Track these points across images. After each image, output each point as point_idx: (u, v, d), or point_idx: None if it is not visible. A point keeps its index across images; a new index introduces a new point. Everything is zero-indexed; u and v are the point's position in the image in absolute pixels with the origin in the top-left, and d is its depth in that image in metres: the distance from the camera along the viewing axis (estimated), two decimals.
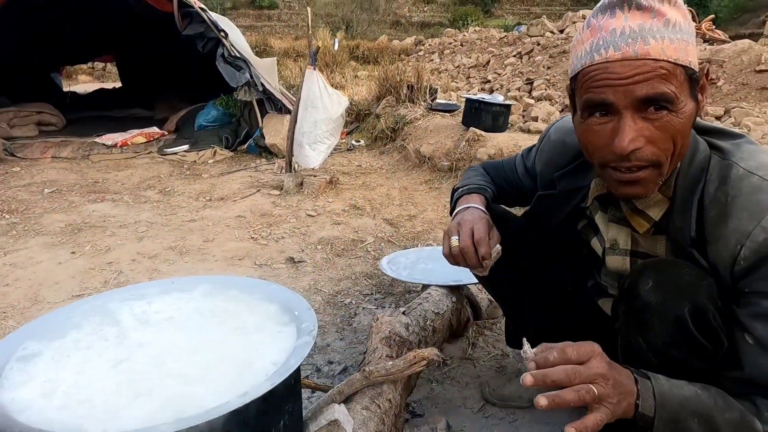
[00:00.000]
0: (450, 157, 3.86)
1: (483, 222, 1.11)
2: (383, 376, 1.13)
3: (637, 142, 0.77)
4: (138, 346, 0.82)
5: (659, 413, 0.72)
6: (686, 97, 0.77)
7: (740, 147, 0.85)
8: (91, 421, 0.67)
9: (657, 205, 0.91)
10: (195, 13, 4.53)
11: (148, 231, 2.88)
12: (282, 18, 29.10)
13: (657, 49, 0.74)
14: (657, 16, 0.75)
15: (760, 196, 0.76)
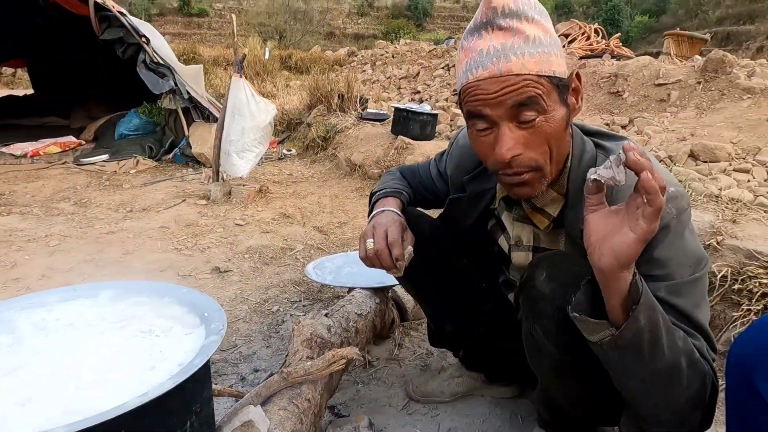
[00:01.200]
0: (380, 164, 3.92)
1: (396, 224, 1.14)
2: (302, 376, 1.13)
3: (514, 150, 0.85)
4: (33, 354, 0.78)
5: (645, 295, 0.74)
6: (555, 103, 0.84)
7: (621, 146, 0.94)
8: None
9: (554, 203, 0.99)
10: (113, 17, 4.34)
11: (60, 245, 2.71)
12: (212, 26, 28.38)
13: (518, 65, 0.81)
14: (517, 34, 0.82)
15: None
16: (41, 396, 0.69)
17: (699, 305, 0.85)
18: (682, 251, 0.84)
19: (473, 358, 1.51)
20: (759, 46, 16.94)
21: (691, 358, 0.80)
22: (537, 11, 0.85)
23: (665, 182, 0.74)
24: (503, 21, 0.83)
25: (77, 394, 0.70)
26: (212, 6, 30.11)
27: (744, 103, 4.21)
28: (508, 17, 0.83)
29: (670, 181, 0.85)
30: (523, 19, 0.83)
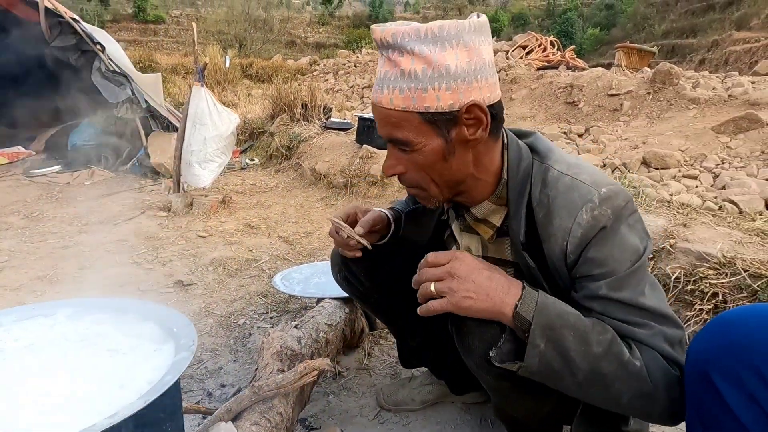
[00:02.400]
0: (345, 174, 3.92)
1: (363, 211, 1.21)
2: (274, 390, 1.12)
3: (394, 169, 0.92)
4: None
5: (537, 318, 0.81)
6: (426, 137, 0.85)
7: (551, 151, 0.96)
8: None
9: (496, 213, 1.01)
10: (66, 24, 4.19)
11: (10, 260, 2.58)
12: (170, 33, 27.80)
13: (387, 98, 0.84)
14: (395, 67, 0.82)
15: (572, 195, 0.87)
16: (4, 422, 0.66)
17: (644, 292, 0.85)
18: (619, 248, 0.85)
19: (440, 369, 1.53)
20: (701, 59, 17.94)
21: (620, 360, 0.81)
22: (427, 41, 0.80)
23: (597, 184, 0.86)
24: (384, 51, 0.84)
25: (41, 419, 0.66)
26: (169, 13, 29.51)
27: (690, 113, 4.45)
28: (388, 49, 0.82)
29: (602, 182, 0.87)
30: (401, 51, 0.81)
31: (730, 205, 2.42)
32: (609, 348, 0.81)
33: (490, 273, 0.86)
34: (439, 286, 0.86)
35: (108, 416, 0.63)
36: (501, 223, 1.00)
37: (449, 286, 0.85)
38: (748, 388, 0.70)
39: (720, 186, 2.88)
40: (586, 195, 0.86)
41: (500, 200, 0.98)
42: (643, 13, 25.41)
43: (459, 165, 0.90)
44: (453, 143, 0.87)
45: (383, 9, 33.18)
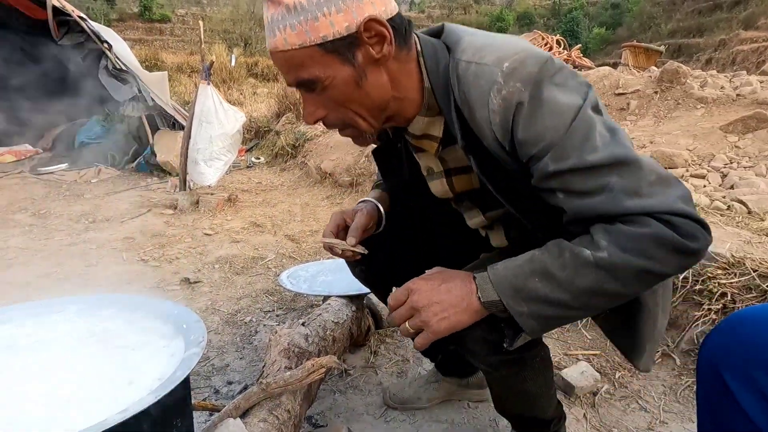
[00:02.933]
0: (351, 172, 3.92)
1: (350, 215, 1.18)
2: (281, 387, 1.12)
3: (316, 114, 0.86)
4: (2, 372, 0.74)
5: (499, 291, 0.80)
6: (333, 69, 0.80)
7: (459, 41, 0.88)
8: None
9: (434, 124, 0.95)
10: (73, 22, 4.21)
11: (18, 258, 2.59)
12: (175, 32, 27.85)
13: (281, 40, 0.78)
14: (279, 5, 0.77)
15: (480, 83, 0.80)
16: (12, 419, 0.66)
17: (595, 147, 0.76)
18: (549, 115, 0.76)
19: (450, 360, 1.53)
20: (708, 58, 17.83)
21: (588, 266, 0.76)
22: None
23: (500, 60, 0.78)
24: None
25: (52, 415, 0.67)
26: (175, 12, 29.58)
27: (698, 112, 4.42)
28: None
29: (506, 55, 0.78)
30: None
31: (738, 204, 2.40)
32: (572, 264, 0.77)
33: (446, 285, 0.85)
34: (412, 323, 0.85)
35: (119, 412, 0.63)
36: (442, 132, 0.94)
37: (420, 319, 0.84)
38: (760, 388, 0.69)
39: (728, 186, 2.86)
40: (490, 77, 0.78)
41: (432, 110, 0.92)
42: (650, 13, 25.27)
43: (376, 89, 0.84)
44: (362, 67, 0.81)
45: None
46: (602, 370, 1.76)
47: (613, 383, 1.69)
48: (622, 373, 1.74)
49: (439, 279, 0.86)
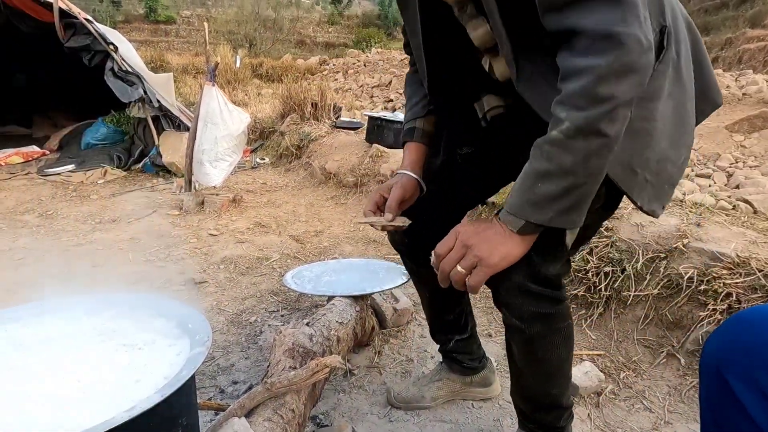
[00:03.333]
0: (355, 173, 3.93)
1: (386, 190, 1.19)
2: (285, 386, 1.13)
3: None
4: (7, 370, 0.75)
5: (522, 215, 0.83)
6: None
7: None
8: None
9: None
10: (79, 25, 4.24)
11: (26, 258, 2.62)
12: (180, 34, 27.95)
13: None
14: None
15: None
16: (20, 418, 0.67)
17: None
18: None
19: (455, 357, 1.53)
20: (714, 57, 17.73)
21: (564, 145, 0.78)
22: None
23: None
24: None
25: (60, 413, 0.68)
26: (180, 13, 29.70)
27: None
28: None
29: None
30: None
31: (744, 204, 2.39)
32: (553, 152, 0.79)
33: (485, 225, 0.89)
34: (465, 262, 0.88)
35: (126, 410, 0.64)
36: None
37: (474, 254, 0.87)
38: (762, 388, 0.69)
39: (734, 185, 2.85)
40: None
41: None
42: None
43: None
44: None
45: (392, 8, 33.17)
46: (606, 370, 1.76)
47: (618, 383, 1.69)
48: (627, 374, 1.74)
49: (476, 224, 0.90)
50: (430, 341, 2.00)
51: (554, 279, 0.99)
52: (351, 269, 2.05)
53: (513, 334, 1.09)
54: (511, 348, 1.13)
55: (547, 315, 1.02)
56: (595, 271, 2.08)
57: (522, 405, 1.23)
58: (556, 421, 1.18)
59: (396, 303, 2.07)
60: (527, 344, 1.07)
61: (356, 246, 3.00)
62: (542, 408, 1.18)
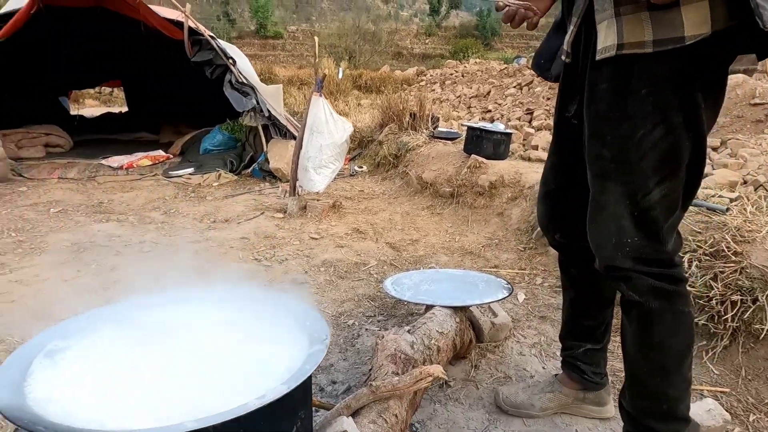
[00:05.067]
0: (452, 183, 3.91)
1: None
2: (390, 391, 1.14)
3: None
4: (154, 352, 0.84)
5: None
6: None
7: None
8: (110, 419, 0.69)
9: None
10: (204, 41, 4.66)
11: (152, 251, 2.91)
12: (286, 48, 29.73)
13: None
14: None
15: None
16: (165, 394, 0.74)
17: None
18: None
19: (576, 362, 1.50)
20: None
21: None
22: None
23: None
24: None
25: (197, 394, 0.74)
26: (286, 29, 31.62)
27: None
28: None
29: None
30: None
31: None
32: None
33: None
34: None
35: (257, 397, 0.69)
36: None
37: None
38: None
39: None
40: None
41: None
42: None
43: None
44: None
45: (491, 18, 32.76)
46: (732, 410, 1.58)
47: (747, 427, 1.51)
48: (758, 417, 1.55)
49: None
50: (529, 360, 1.93)
51: (666, 257, 1.02)
52: (449, 279, 2.04)
53: (630, 311, 1.09)
54: (626, 332, 1.12)
55: (667, 291, 1.03)
56: (720, 299, 1.88)
57: (631, 406, 1.16)
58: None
59: (494, 317, 2.03)
60: (644, 320, 1.06)
61: (452, 256, 2.98)
62: (656, 414, 1.11)
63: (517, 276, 2.73)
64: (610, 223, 1.05)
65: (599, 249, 1.09)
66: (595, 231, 1.09)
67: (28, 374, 0.76)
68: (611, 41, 1.00)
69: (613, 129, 1.02)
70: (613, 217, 1.04)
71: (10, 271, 2.54)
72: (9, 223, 3.26)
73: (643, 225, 1.03)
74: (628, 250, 1.03)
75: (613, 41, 1.00)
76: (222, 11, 30.85)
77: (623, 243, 1.03)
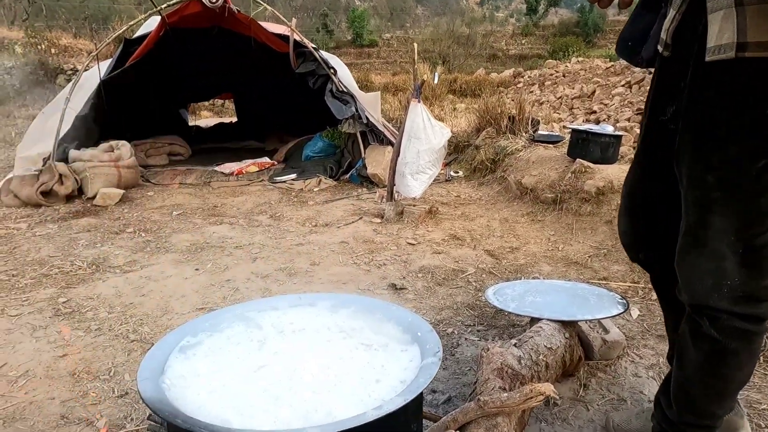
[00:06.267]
0: (554, 189, 3.74)
1: None
2: (498, 407, 1.10)
3: None
4: (274, 354, 0.88)
5: None
6: None
7: None
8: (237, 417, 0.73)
9: None
10: (308, 53, 4.89)
11: (260, 252, 3.09)
12: (381, 55, 30.36)
13: None
14: None
15: None
16: (285, 396, 0.77)
17: None
18: None
19: None
20: None
21: None
22: None
23: None
24: None
25: (315, 398, 0.76)
26: (381, 36, 32.30)
27: None
28: None
29: None
30: None
31: None
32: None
33: None
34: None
35: (374, 407, 0.69)
36: None
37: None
38: None
39: None
40: None
41: None
42: None
43: None
44: None
45: (593, 13, 30.96)
46: None
47: None
48: None
49: None
50: (645, 382, 1.78)
51: (763, 294, 0.90)
52: (556, 291, 1.93)
53: (702, 343, 0.98)
54: (689, 355, 1.02)
55: (750, 333, 0.94)
56: None
57: (677, 417, 1.11)
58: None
59: (605, 334, 1.89)
60: (717, 356, 0.97)
61: (555, 266, 2.83)
62: (699, 426, 1.08)
63: (629, 290, 2.53)
64: (710, 263, 0.89)
65: (690, 285, 0.95)
66: (688, 266, 0.94)
67: (166, 367, 0.83)
68: (728, 38, 0.79)
69: (721, 150, 0.84)
70: (714, 256, 0.88)
71: (141, 268, 2.82)
72: (139, 224, 3.64)
73: (749, 265, 0.87)
74: (726, 291, 0.89)
75: (731, 39, 0.79)
76: (321, 23, 32.24)
77: (722, 285, 0.89)
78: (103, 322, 2.20)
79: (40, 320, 2.21)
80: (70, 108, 4.48)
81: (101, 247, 3.14)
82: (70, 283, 2.60)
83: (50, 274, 2.72)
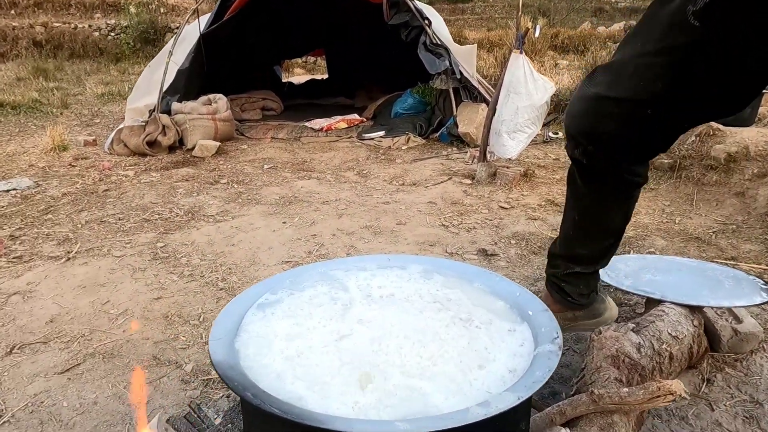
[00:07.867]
0: (672, 154, 3.29)
1: None
2: (616, 404, 0.92)
3: None
4: (358, 322, 0.77)
5: None
6: None
7: None
8: (310, 394, 0.63)
9: None
10: (402, 2, 4.65)
11: (346, 209, 3.03)
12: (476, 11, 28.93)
13: None
14: None
15: None
16: (373, 375, 0.66)
17: None
18: None
19: None
20: None
21: None
22: None
23: None
24: None
25: (404, 383, 0.64)
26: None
27: None
28: None
29: None
30: None
31: None
32: None
33: None
34: None
35: (478, 403, 0.55)
36: None
37: None
38: None
39: None
40: None
41: None
42: None
43: None
44: None
45: None
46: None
47: None
48: None
49: None
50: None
51: None
52: (680, 270, 1.66)
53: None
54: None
55: None
56: None
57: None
58: None
59: (737, 323, 1.61)
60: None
61: (671, 241, 2.50)
62: None
63: (765, 273, 2.16)
64: None
65: None
66: None
67: (241, 327, 0.75)
68: None
69: None
70: None
71: (232, 218, 2.88)
72: (233, 176, 3.73)
73: None
74: None
75: None
76: None
77: None
78: (195, 269, 2.26)
79: (140, 263, 2.31)
80: (173, 62, 4.64)
81: (197, 196, 3.25)
82: (168, 229, 2.71)
83: (151, 219, 2.85)
